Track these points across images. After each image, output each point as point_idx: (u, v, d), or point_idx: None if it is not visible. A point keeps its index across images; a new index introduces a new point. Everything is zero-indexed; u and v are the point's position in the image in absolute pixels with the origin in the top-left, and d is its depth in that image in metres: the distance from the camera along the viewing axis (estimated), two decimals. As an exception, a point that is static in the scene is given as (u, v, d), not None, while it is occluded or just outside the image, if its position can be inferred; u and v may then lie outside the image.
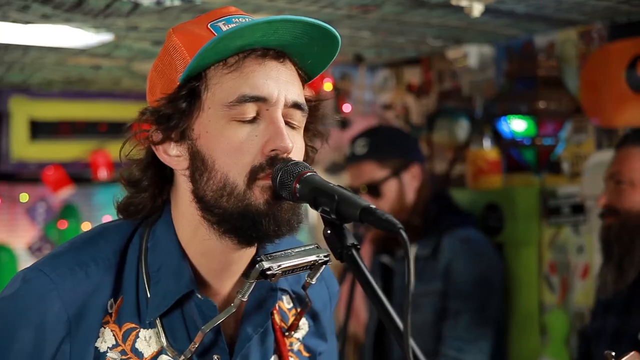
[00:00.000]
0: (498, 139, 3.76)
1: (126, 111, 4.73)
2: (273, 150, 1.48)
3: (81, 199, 5.27)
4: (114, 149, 1.50)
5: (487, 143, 3.82)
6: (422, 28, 3.42)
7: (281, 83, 1.52)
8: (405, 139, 3.64)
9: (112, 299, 1.53)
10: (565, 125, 3.55)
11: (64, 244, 1.60)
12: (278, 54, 1.53)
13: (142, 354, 1.52)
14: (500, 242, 3.72)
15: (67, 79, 4.60)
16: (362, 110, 4.46)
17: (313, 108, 1.62)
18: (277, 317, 1.67)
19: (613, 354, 1.49)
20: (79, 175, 5.09)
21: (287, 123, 1.52)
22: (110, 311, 1.52)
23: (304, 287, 1.65)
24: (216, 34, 1.51)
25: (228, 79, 1.50)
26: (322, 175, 1.51)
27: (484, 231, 3.64)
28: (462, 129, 3.90)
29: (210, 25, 1.54)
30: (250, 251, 1.59)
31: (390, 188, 3.48)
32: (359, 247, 1.43)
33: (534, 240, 3.67)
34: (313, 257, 1.51)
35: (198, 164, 1.51)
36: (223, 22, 1.54)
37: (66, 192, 5.00)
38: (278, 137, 1.48)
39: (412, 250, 3.48)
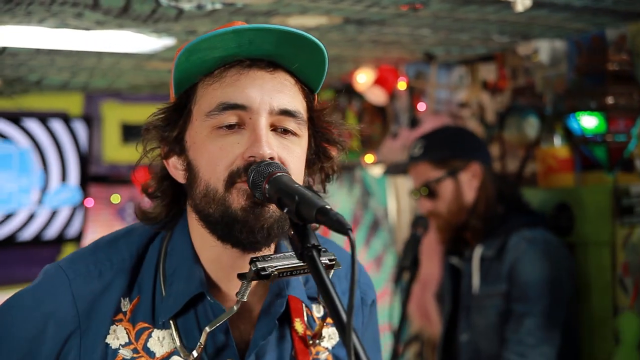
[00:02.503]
0: (569, 136, 3.65)
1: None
2: (251, 156, 1.50)
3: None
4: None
5: (557, 140, 3.71)
6: (481, 24, 3.35)
7: (266, 91, 1.52)
8: (466, 138, 3.57)
9: (126, 298, 1.59)
10: (638, 121, 3.41)
11: (91, 243, 1.69)
12: (267, 64, 1.54)
13: (154, 354, 1.57)
14: (571, 243, 3.61)
15: (151, 83, 4.74)
16: (434, 109, 4.40)
17: (316, 118, 1.63)
18: (299, 327, 1.66)
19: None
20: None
21: (279, 130, 1.54)
22: (124, 310, 1.58)
23: (319, 293, 1.64)
24: None
25: (211, 90, 1.54)
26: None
27: (554, 231, 3.53)
28: (532, 126, 3.80)
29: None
30: None
31: (446, 188, 3.43)
32: (320, 247, 1.43)
33: (607, 241, 3.53)
34: None
35: (190, 174, 1.57)
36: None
37: (155, 193, 5.14)
38: (256, 144, 1.50)
39: (478, 251, 3.40)
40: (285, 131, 1.55)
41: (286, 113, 1.54)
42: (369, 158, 4.67)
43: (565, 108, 3.56)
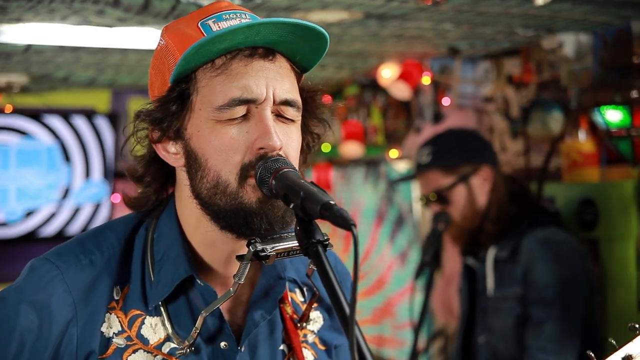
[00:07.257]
0: (594, 130, 3.62)
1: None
2: (261, 148, 1.51)
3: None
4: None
5: (582, 135, 3.68)
6: (505, 18, 3.33)
7: (269, 80, 1.54)
8: (474, 142, 3.54)
9: (117, 286, 1.58)
10: (663, 115, 3.37)
11: (73, 237, 1.67)
12: (267, 52, 1.55)
13: (148, 341, 1.56)
14: (595, 238, 3.58)
15: (177, 80, 4.76)
16: (458, 104, 4.38)
17: (309, 99, 1.65)
18: (288, 309, 1.69)
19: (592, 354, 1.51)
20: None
21: (279, 117, 1.56)
22: (116, 298, 1.57)
23: (308, 275, 1.67)
24: (205, 34, 1.54)
25: (217, 82, 1.53)
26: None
27: (578, 226, 3.49)
28: (556, 120, 3.76)
29: (200, 24, 1.56)
30: None
31: (458, 194, 3.40)
32: (326, 243, 1.43)
33: (631, 236, 3.50)
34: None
35: (192, 162, 1.56)
36: (213, 20, 1.56)
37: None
38: (266, 136, 1.51)
39: (491, 253, 3.36)
40: (284, 117, 1.57)
41: (286, 103, 1.56)
42: (393, 153, 4.66)
43: (589, 102, 3.53)
